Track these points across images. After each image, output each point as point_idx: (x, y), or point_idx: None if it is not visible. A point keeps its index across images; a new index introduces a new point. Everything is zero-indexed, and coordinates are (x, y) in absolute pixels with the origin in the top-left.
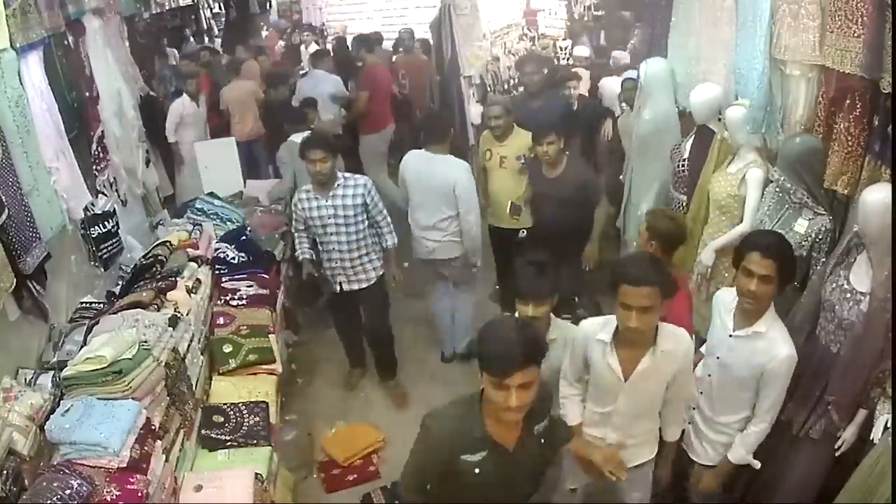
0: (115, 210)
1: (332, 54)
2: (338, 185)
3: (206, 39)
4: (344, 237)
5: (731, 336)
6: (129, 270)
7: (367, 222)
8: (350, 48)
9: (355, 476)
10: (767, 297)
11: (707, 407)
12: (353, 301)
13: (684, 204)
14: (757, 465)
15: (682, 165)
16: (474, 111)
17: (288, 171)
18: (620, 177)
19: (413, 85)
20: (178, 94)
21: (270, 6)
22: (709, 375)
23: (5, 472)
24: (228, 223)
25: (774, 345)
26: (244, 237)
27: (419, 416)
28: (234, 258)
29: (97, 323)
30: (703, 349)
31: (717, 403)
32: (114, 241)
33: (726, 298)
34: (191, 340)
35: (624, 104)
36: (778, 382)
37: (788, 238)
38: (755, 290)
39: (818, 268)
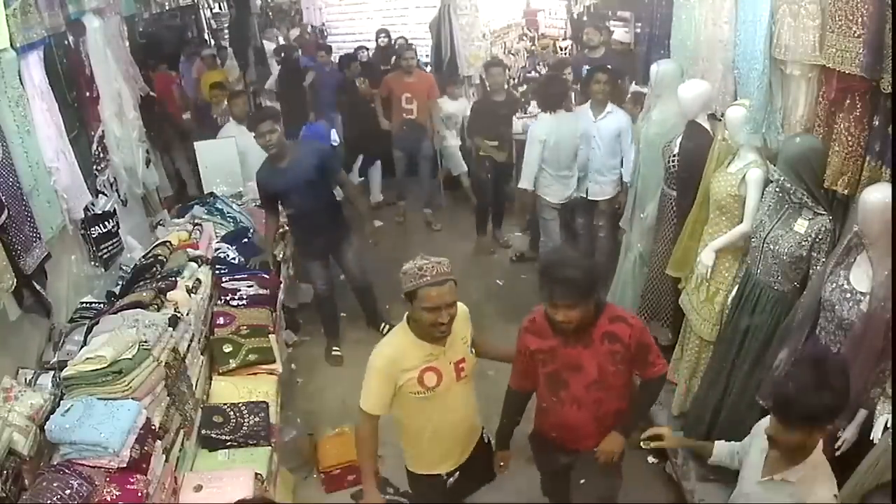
0: (115, 210)
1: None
2: None
3: (210, 38)
4: None
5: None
6: (129, 270)
7: None
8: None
9: (355, 476)
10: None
11: None
12: None
13: (674, 199)
14: None
15: (673, 161)
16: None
17: None
18: (627, 179)
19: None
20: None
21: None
22: None
23: (5, 472)
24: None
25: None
26: (246, 240)
27: None
28: (234, 258)
29: (97, 323)
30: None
31: None
32: (114, 241)
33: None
34: (191, 340)
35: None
36: None
37: (788, 238)
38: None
39: (818, 268)
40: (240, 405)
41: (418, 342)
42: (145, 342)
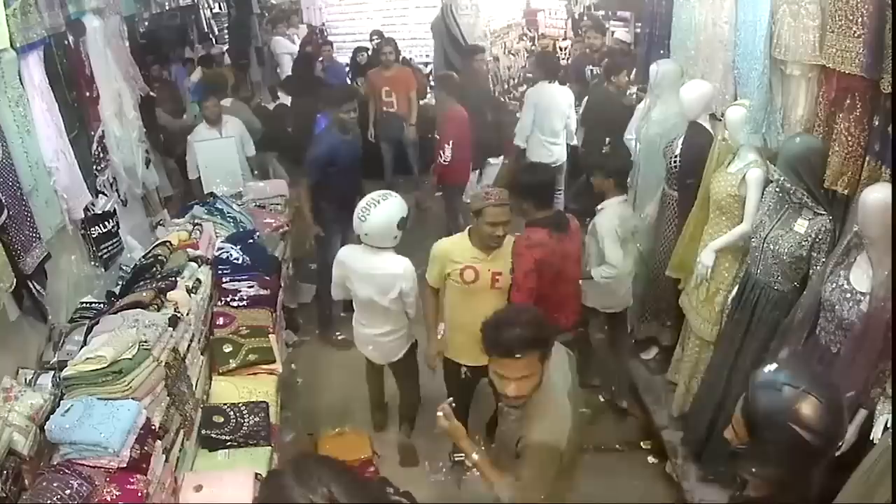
0: (115, 210)
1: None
2: None
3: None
4: None
5: None
6: (129, 270)
7: None
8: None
9: None
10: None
11: None
12: None
13: (676, 200)
14: None
15: (675, 162)
16: None
17: None
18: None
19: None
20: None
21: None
22: None
23: (5, 472)
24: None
25: None
26: (251, 241)
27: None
28: (237, 259)
29: (97, 323)
30: None
31: None
32: (114, 241)
33: None
34: (191, 340)
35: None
36: None
37: (788, 238)
38: None
39: (818, 268)
40: (240, 405)
41: (469, 246)
42: (145, 342)
